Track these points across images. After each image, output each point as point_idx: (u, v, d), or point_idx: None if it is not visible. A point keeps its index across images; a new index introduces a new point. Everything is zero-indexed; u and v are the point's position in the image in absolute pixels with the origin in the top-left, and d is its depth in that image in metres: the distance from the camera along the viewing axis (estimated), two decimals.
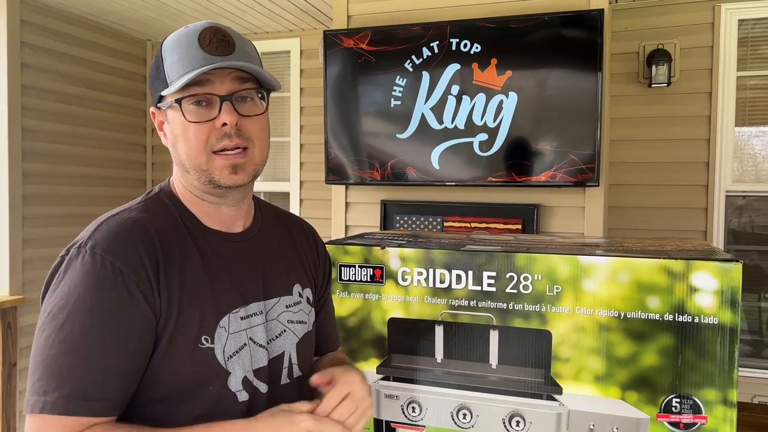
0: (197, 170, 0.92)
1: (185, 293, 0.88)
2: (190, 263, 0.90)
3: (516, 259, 1.16)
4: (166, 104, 0.92)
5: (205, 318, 0.89)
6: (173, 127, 0.93)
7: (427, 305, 1.23)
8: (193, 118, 0.90)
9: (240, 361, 0.92)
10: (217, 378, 0.90)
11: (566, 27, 2.68)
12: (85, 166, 3.83)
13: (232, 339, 0.92)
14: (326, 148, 3.09)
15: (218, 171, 0.91)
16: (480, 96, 2.80)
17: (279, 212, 1.15)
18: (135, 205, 0.94)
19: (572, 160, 2.68)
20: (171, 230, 0.92)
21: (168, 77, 0.90)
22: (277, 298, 1.02)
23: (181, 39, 0.92)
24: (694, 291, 1.07)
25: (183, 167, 0.94)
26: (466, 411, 1.21)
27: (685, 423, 1.08)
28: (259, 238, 1.03)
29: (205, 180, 0.93)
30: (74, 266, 0.84)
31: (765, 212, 3.37)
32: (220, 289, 0.93)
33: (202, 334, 0.89)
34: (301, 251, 1.11)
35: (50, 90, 3.58)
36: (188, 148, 0.91)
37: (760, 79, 3.30)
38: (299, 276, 1.08)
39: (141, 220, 0.90)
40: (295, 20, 3.78)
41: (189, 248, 0.92)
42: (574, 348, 1.13)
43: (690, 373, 1.08)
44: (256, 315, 0.97)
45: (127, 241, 0.86)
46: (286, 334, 1.02)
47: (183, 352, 0.87)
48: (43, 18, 3.52)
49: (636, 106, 3.40)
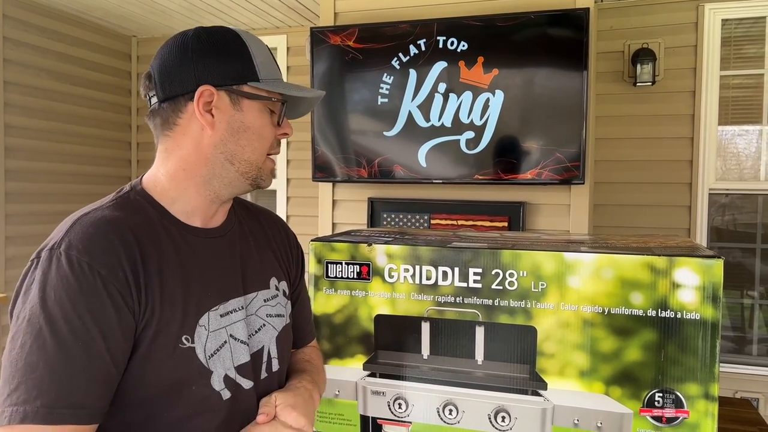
0: (252, 167, 0.95)
1: (164, 293, 0.86)
2: (167, 263, 0.88)
3: (501, 255, 1.17)
4: (252, 95, 0.93)
5: (185, 317, 0.88)
6: (247, 118, 0.93)
7: (414, 302, 1.23)
8: (278, 121, 0.97)
9: (221, 360, 0.91)
10: (199, 377, 0.89)
11: (552, 25, 2.70)
12: (69, 163, 3.79)
13: (212, 337, 0.91)
14: (313, 146, 3.09)
15: (266, 172, 0.98)
16: (467, 94, 2.81)
17: (249, 205, 1.14)
18: (107, 203, 0.90)
19: (558, 158, 2.70)
20: (146, 229, 0.89)
21: (259, 72, 0.93)
22: (255, 292, 1.01)
23: (259, 43, 0.96)
24: (677, 287, 1.08)
25: (232, 158, 0.93)
26: (452, 407, 1.21)
27: (668, 417, 1.10)
28: (235, 232, 1.03)
29: (252, 177, 0.96)
30: (48, 270, 0.80)
31: (747, 210, 3.41)
32: (198, 287, 0.91)
33: (183, 333, 0.87)
34: (274, 244, 1.10)
35: (33, 86, 3.54)
36: (259, 144, 0.95)
37: (742, 79, 3.34)
38: (274, 269, 1.07)
39: (115, 219, 0.86)
40: (282, 17, 3.77)
41: (166, 247, 0.89)
42: (559, 344, 1.14)
43: (672, 368, 1.09)
44: (236, 311, 0.96)
45: (103, 241, 0.83)
46: (266, 328, 1.02)
47: (164, 353, 0.85)
48: (26, 13, 3.48)
49: (621, 104, 3.43)
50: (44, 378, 0.76)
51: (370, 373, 1.28)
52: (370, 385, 1.27)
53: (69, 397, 0.77)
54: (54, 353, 0.77)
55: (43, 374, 0.76)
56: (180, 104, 0.92)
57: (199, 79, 0.90)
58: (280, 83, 0.96)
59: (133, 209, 0.90)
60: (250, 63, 0.92)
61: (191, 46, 0.91)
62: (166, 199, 0.94)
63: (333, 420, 1.30)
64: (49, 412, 0.75)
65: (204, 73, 0.90)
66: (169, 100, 0.92)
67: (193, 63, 0.91)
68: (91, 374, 0.79)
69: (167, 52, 0.93)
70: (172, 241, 0.91)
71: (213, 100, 0.91)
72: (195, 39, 0.92)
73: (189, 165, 0.93)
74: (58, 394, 0.76)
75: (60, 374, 0.77)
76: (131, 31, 4.20)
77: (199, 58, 0.91)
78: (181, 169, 0.94)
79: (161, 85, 0.92)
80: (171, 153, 0.94)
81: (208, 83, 0.90)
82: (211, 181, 0.94)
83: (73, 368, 0.78)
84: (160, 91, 0.93)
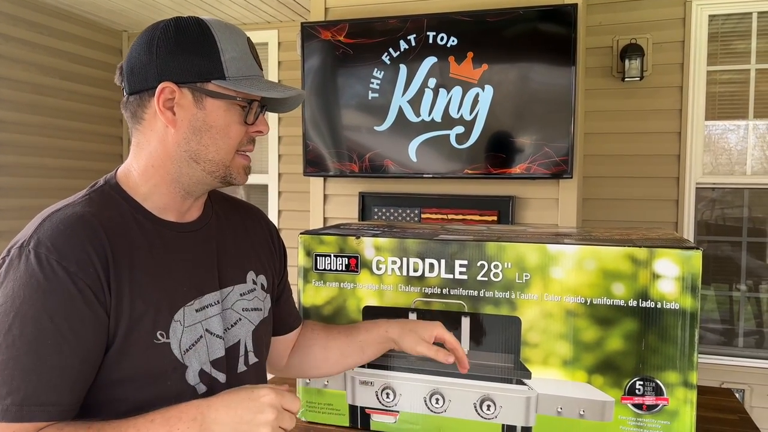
0: (218, 166, 0.92)
1: (136, 289, 0.85)
2: (140, 258, 0.87)
3: (487, 247, 1.19)
4: (216, 94, 0.89)
5: (159, 313, 0.88)
6: (209, 117, 0.90)
7: (401, 293, 1.25)
8: (248, 121, 0.93)
9: (196, 354, 0.91)
10: (174, 372, 0.89)
11: (541, 21, 2.72)
12: (60, 158, 3.78)
13: (187, 332, 0.90)
14: (304, 141, 3.10)
15: (236, 169, 0.95)
16: (456, 89, 2.83)
17: (229, 199, 1.13)
18: (79, 199, 0.89)
19: (547, 153, 2.72)
20: (119, 224, 0.87)
21: (227, 69, 0.89)
22: (231, 286, 1.01)
23: (234, 36, 0.92)
24: (657, 278, 1.10)
25: (196, 158, 0.91)
26: (439, 396, 1.24)
27: (648, 405, 1.12)
28: (211, 225, 1.02)
29: (220, 175, 0.94)
30: (17, 268, 0.80)
31: (734, 204, 3.46)
32: (173, 282, 0.91)
33: (157, 329, 0.87)
34: (253, 237, 1.10)
35: (23, 81, 3.53)
36: (224, 144, 0.92)
37: (729, 74, 3.38)
38: (253, 263, 1.07)
39: (86, 215, 0.85)
40: (273, 12, 3.77)
41: (139, 242, 0.88)
42: (543, 334, 1.17)
43: (653, 357, 1.12)
44: (212, 306, 0.95)
45: (72, 238, 0.82)
46: (242, 322, 1.02)
47: (139, 349, 0.85)
48: (16, 7, 3.47)
49: (609, 99, 3.46)
50: (14, 376, 0.76)
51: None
52: (358, 375, 1.29)
53: (39, 395, 0.77)
54: (23, 351, 0.77)
55: (13, 372, 0.77)
56: (145, 100, 0.90)
57: (161, 75, 0.87)
58: (249, 81, 0.91)
59: (106, 204, 0.89)
60: (217, 60, 0.88)
61: (157, 39, 0.88)
62: (139, 194, 0.93)
63: (322, 410, 1.32)
64: (18, 410, 0.76)
65: (167, 69, 0.87)
66: (135, 95, 0.91)
67: (157, 58, 0.88)
68: (62, 371, 0.79)
69: (136, 44, 0.91)
70: (145, 236, 0.90)
71: (175, 98, 0.88)
72: (162, 32, 0.89)
73: (157, 162, 0.92)
74: (27, 393, 0.77)
75: (30, 372, 0.77)
76: (121, 26, 4.19)
77: (163, 53, 0.88)
78: (150, 166, 0.92)
79: (128, 79, 0.91)
80: (141, 148, 0.93)
81: (170, 80, 0.87)
82: (180, 179, 0.93)
83: (43, 366, 0.78)
84: (127, 85, 0.92)
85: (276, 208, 4.01)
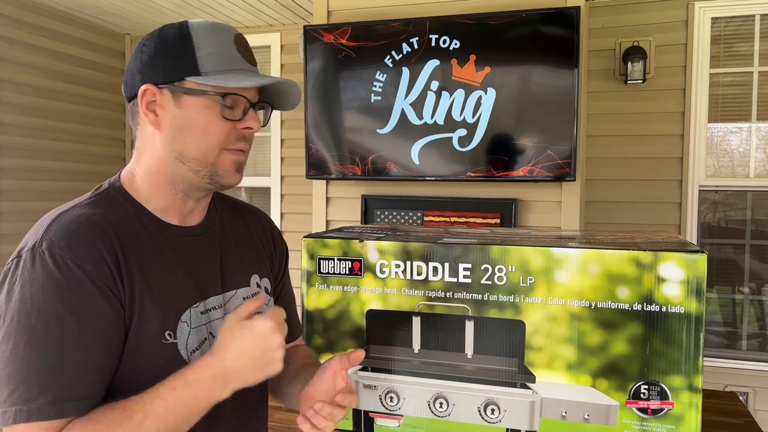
0: (203, 165, 0.92)
1: (146, 289, 0.87)
2: (147, 260, 0.89)
3: (491, 251, 1.19)
4: (192, 91, 0.89)
5: (167, 313, 0.89)
6: (188, 115, 0.90)
7: (405, 297, 1.25)
8: (228, 116, 0.91)
9: (202, 356, 0.91)
10: None
11: (544, 24, 2.72)
12: (63, 161, 3.79)
13: (194, 333, 0.91)
14: (307, 143, 3.10)
15: (224, 167, 0.93)
16: (459, 92, 2.82)
17: (232, 202, 1.14)
18: (85, 201, 0.90)
19: (549, 156, 2.72)
20: (126, 226, 0.89)
21: (201, 65, 0.88)
22: (234, 290, 1.01)
23: (217, 33, 0.91)
24: (662, 281, 1.10)
25: (181, 157, 0.91)
26: (443, 400, 1.23)
27: (653, 409, 1.12)
28: (215, 229, 1.02)
29: (206, 175, 0.93)
30: (32, 269, 0.80)
31: (737, 207, 3.45)
32: (179, 284, 0.92)
33: (166, 329, 0.88)
34: (257, 241, 1.10)
35: (27, 84, 3.54)
36: (205, 141, 0.91)
37: (732, 77, 3.37)
38: (256, 266, 1.08)
39: (95, 216, 0.86)
40: (276, 15, 3.77)
41: (145, 245, 0.90)
42: (547, 337, 1.16)
43: (657, 361, 1.11)
44: (215, 309, 0.96)
45: (84, 238, 0.83)
46: None
47: (148, 348, 0.87)
48: (19, 11, 3.47)
49: (612, 102, 3.46)
50: (44, 375, 0.78)
51: (362, 367, 1.29)
52: (362, 379, 1.28)
53: (70, 391, 0.79)
54: (50, 350, 0.78)
55: (42, 372, 0.78)
56: (136, 105, 0.92)
57: (144, 78, 0.90)
58: (226, 75, 0.90)
59: (111, 206, 0.90)
60: (191, 56, 0.88)
61: (142, 47, 0.92)
62: (142, 197, 0.94)
63: None
64: (52, 408, 0.77)
65: (148, 72, 0.90)
66: (131, 101, 0.94)
67: (141, 63, 0.91)
68: (89, 366, 0.81)
69: (132, 52, 0.94)
70: (150, 238, 0.91)
71: (156, 99, 0.90)
72: (148, 39, 0.92)
73: (154, 165, 0.93)
74: (59, 390, 0.78)
75: (58, 370, 0.78)
76: (124, 29, 4.19)
77: (146, 58, 0.90)
78: (148, 168, 0.94)
79: (125, 85, 0.94)
80: (141, 152, 0.95)
81: (150, 82, 0.89)
82: (174, 181, 0.94)
83: (70, 363, 0.79)
84: (124, 92, 0.95)
85: (278, 210, 4.01)
